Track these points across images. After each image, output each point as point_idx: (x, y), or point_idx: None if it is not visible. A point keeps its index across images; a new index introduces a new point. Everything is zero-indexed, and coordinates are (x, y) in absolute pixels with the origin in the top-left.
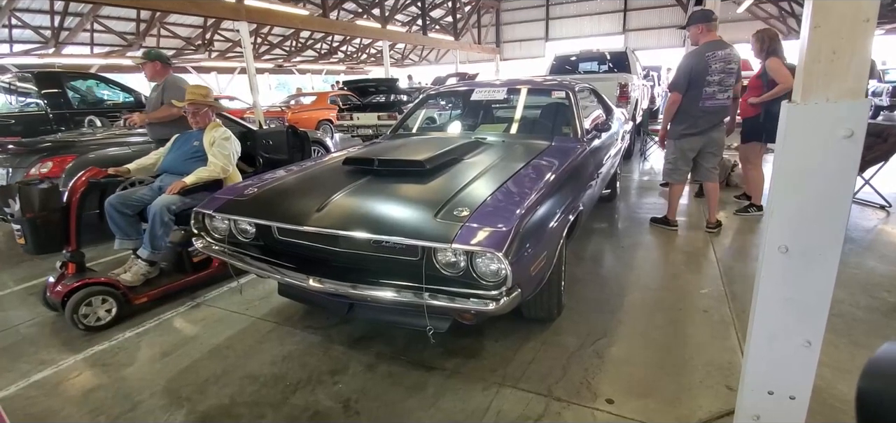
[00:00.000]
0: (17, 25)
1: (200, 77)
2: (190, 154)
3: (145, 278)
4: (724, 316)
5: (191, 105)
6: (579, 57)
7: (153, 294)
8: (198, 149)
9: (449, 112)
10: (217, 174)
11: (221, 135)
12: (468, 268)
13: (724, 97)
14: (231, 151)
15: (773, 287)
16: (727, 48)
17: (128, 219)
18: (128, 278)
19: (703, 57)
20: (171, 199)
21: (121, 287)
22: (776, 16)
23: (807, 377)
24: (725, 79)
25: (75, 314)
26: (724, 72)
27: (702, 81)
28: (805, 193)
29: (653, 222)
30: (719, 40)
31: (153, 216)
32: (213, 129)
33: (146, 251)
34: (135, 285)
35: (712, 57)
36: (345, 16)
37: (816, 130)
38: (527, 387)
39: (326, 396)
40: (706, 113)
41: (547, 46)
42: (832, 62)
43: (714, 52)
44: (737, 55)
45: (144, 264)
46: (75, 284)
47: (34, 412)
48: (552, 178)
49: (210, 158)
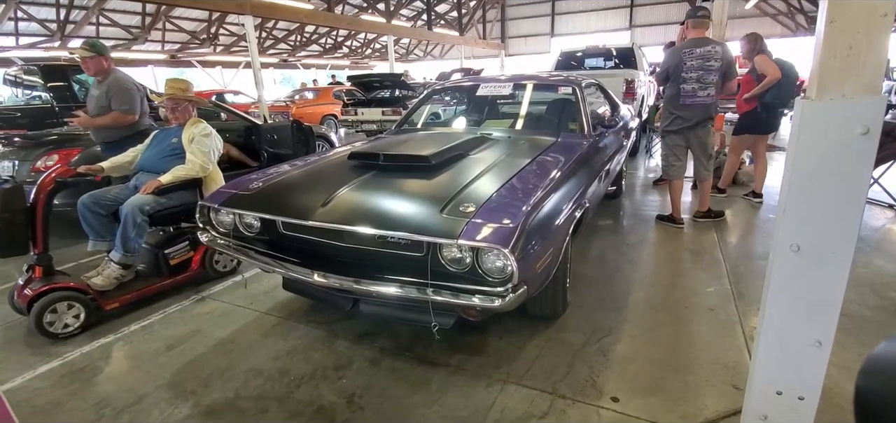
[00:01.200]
0: (22, 18)
1: (205, 71)
2: (168, 151)
3: (119, 281)
4: (731, 315)
5: (169, 100)
6: (585, 53)
7: (126, 299)
8: (176, 146)
9: (454, 108)
10: (195, 173)
11: (201, 131)
12: (474, 264)
13: (705, 95)
14: (211, 148)
15: (783, 286)
16: (708, 46)
17: (101, 219)
18: (99, 282)
19: (678, 54)
20: (144, 199)
21: (90, 292)
22: (785, 12)
23: (816, 377)
24: (704, 76)
25: (40, 321)
26: (701, 69)
27: (678, 77)
28: (819, 191)
29: (659, 219)
30: (702, 38)
31: (125, 217)
32: (193, 125)
33: (118, 254)
34: (106, 290)
35: (688, 54)
36: (349, 10)
37: (831, 126)
38: (531, 384)
39: (330, 391)
40: (686, 109)
41: (552, 42)
42: (848, 58)
43: (691, 49)
44: (721, 52)
45: (117, 267)
46: (41, 288)
47: (39, 404)
48: (558, 174)
49: (188, 156)
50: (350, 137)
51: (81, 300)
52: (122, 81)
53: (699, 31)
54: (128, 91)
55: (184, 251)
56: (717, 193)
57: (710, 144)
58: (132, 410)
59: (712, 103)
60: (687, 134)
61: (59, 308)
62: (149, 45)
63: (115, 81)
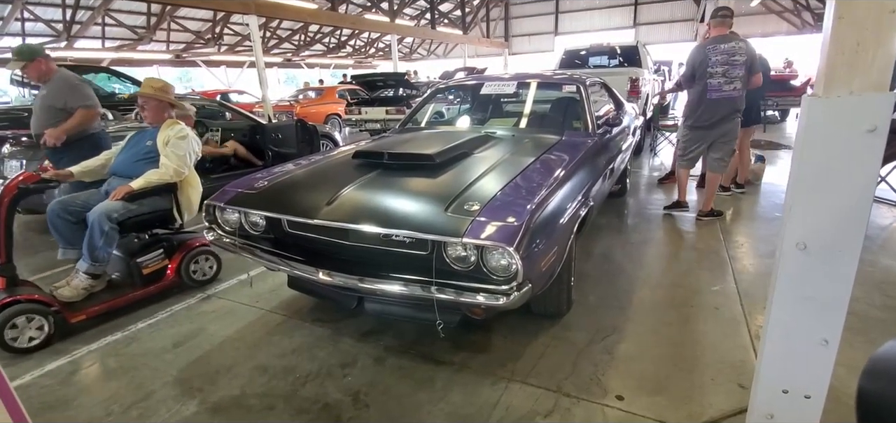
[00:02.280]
0: (29, 19)
1: (210, 71)
2: (142, 155)
3: (88, 292)
4: (736, 314)
5: (140, 97)
6: (589, 51)
7: (93, 312)
8: (151, 149)
9: (458, 106)
10: (169, 177)
11: (176, 133)
12: (478, 262)
13: (731, 88)
14: (187, 151)
15: (790, 285)
16: (731, 42)
17: (71, 226)
18: (66, 293)
19: (703, 50)
20: (112, 206)
21: (55, 304)
22: (790, 9)
23: (823, 376)
24: (730, 70)
25: (2, 337)
26: (727, 64)
27: (704, 73)
28: (825, 189)
29: (666, 210)
30: (725, 35)
31: (91, 225)
32: (169, 127)
33: (85, 264)
34: (74, 301)
35: (713, 50)
36: (353, 10)
37: (839, 124)
38: (536, 383)
39: (336, 388)
40: (713, 103)
41: (556, 41)
42: (856, 54)
43: (715, 45)
44: (745, 48)
45: (86, 277)
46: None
47: (49, 401)
48: (562, 172)
49: (162, 159)
50: (354, 136)
51: (43, 313)
52: (71, 78)
53: (721, 29)
54: (81, 85)
55: (158, 260)
56: (720, 191)
57: (736, 138)
58: (140, 406)
59: (739, 96)
60: (716, 128)
61: (20, 322)
62: (154, 45)
63: (64, 79)
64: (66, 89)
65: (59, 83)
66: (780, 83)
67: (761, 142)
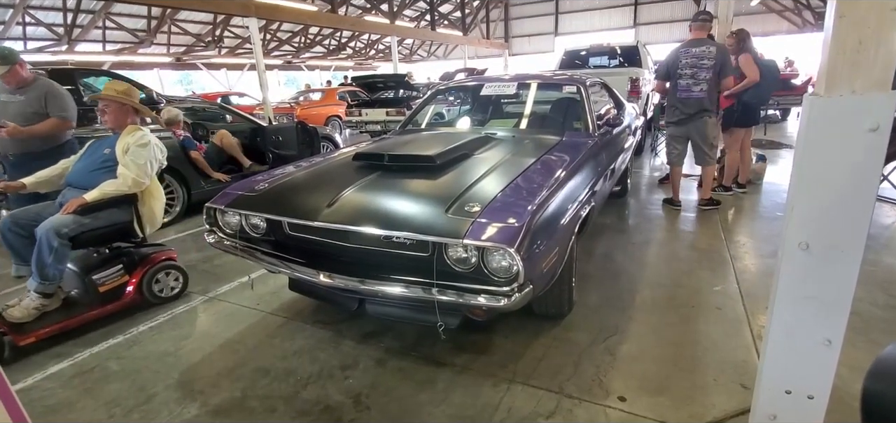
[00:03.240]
0: (30, 23)
1: (210, 73)
2: (99, 164)
3: (39, 312)
4: (738, 314)
5: (101, 100)
6: (589, 51)
7: (43, 333)
8: (109, 158)
9: (458, 108)
10: (127, 188)
11: (137, 141)
12: (479, 264)
13: (698, 90)
14: (148, 159)
15: (792, 285)
16: (703, 46)
17: (23, 241)
18: (16, 314)
19: (675, 53)
20: (62, 220)
21: (3, 326)
22: (791, 8)
23: (826, 376)
24: (697, 73)
25: None
26: (695, 66)
27: (674, 73)
28: (827, 188)
29: (665, 202)
30: (698, 39)
31: (39, 241)
32: (130, 133)
33: (34, 283)
34: (24, 322)
35: (684, 53)
36: (353, 11)
37: (840, 123)
38: (538, 384)
39: (337, 390)
40: (682, 103)
41: (556, 41)
42: (858, 53)
43: (687, 48)
44: (714, 52)
45: (37, 296)
46: None
47: (51, 404)
48: (563, 173)
49: (120, 169)
50: (354, 137)
51: None
52: (56, 87)
53: (699, 33)
54: (65, 97)
55: (116, 276)
56: (722, 190)
57: (709, 134)
58: (142, 409)
59: (705, 97)
60: (686, 125)
61: None
62: (154, 48)
63: (49, 85)
64: (49, 95)
65: (44, 88)
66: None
67: (763, 141)
